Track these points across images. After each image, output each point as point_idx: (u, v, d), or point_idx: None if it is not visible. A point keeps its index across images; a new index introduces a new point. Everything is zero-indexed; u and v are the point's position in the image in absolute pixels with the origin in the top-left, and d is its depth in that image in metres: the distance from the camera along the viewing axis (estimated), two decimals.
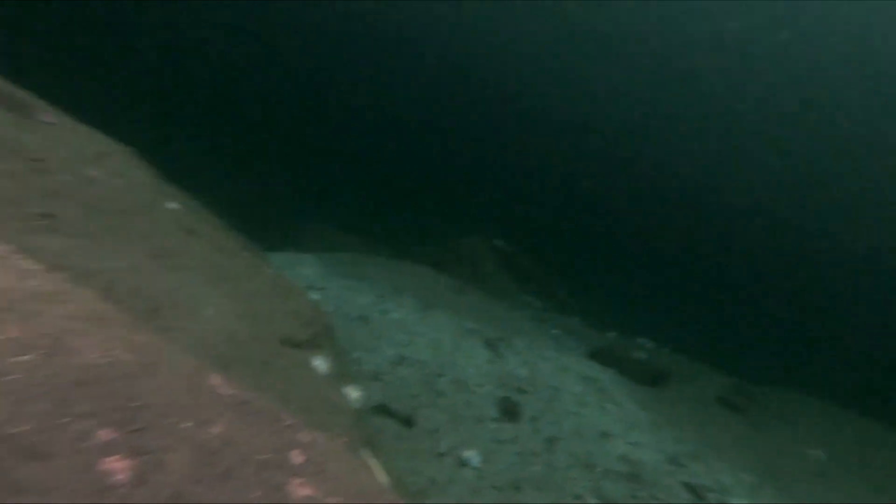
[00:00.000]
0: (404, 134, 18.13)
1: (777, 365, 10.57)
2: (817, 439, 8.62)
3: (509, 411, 6.77)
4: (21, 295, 1.57)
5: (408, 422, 6.04)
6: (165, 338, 1.78)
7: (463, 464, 5.81)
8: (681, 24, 20.08)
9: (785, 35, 18.40)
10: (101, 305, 1.72)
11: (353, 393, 4.05)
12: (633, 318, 11.74)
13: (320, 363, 3.84)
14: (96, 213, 2.78)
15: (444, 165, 17.04)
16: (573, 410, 7.22)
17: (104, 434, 1.19)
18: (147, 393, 1.30)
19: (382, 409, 6.04)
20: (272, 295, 3.26)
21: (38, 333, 1.41)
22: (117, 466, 1.14)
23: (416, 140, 17.95)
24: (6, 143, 3.09)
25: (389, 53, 20.27)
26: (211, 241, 2.99)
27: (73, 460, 1.10)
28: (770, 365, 10.56)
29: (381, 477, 3.12)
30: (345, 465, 2.01)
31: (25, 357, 1.30)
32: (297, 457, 1.74)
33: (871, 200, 18.17)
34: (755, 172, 18.51)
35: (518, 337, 8.97)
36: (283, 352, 3.41)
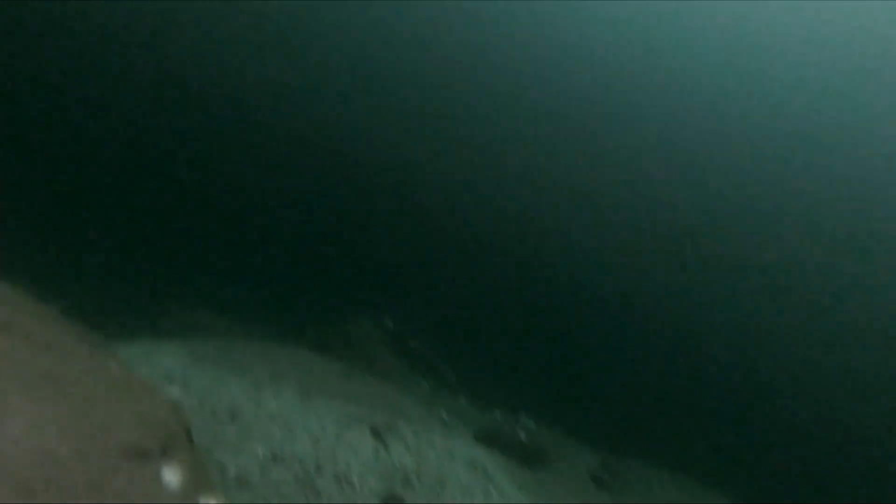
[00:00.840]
0: (281, 205, 16.96)
1: (638, 439, 11.65)
2: None
3: None
4: None
5: None
6: None
7: None
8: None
9: None
10: None
11: None
12: (516, 395, 12.08)
13: (171, 477, 3.31)
14: None
15: (329, 241, 16.46)
16: (458, 499, 7.02)
17: None
18: None
19: None
20: (113, 397, 2.82)
21: None
22: None
23: (298, 212, 16.92)
24: None
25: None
26: (30, 337, 2.54)
27: None
28: (632, 439, 11.57)
29: None
30: None
31: None
32: None
33: None
34: None
35: (406, 423, 8.68)
36: (122, 467, 2.89)
